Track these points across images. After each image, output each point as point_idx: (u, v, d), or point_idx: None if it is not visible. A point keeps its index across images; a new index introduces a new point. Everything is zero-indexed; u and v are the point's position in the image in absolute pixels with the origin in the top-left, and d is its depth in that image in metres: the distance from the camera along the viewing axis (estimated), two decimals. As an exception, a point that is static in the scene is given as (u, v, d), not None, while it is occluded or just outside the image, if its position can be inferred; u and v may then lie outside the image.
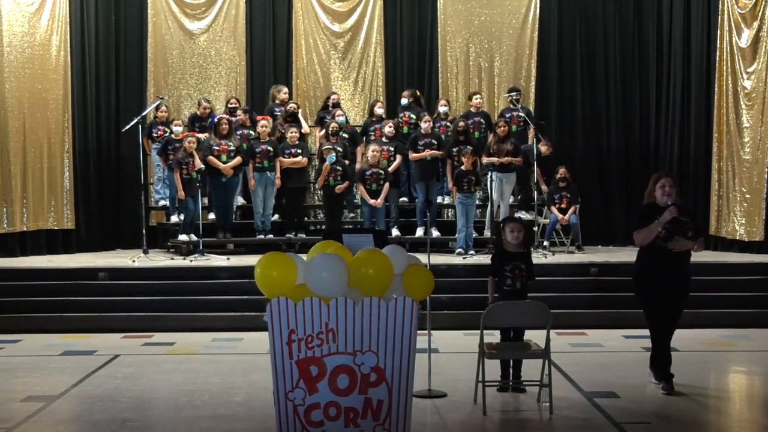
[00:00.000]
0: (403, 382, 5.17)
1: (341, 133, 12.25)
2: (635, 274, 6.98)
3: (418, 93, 13.20)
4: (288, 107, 12.77)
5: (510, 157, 11.76)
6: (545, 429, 6.11)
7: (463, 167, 11.51)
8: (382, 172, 11.67)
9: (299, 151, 12.20)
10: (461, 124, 12.00)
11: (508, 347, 6.82)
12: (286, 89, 13.17)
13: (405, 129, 12.70)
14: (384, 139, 12.18)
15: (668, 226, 6.63)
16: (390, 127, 12.28)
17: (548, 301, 6.70)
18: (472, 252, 11.38)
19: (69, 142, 12.91)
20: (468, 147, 11.73)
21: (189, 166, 11.68)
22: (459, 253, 11.30)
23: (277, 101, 12.97)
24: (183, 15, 13.79)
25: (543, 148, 12.14)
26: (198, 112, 12.97)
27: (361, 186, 11.73)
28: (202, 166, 11.63)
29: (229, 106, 13.00)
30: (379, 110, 12.84)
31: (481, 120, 12.72)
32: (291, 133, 12.24)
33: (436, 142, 11.99)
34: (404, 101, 12.87)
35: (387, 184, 11.67)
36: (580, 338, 9.13)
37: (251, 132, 12.47)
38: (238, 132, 12.39)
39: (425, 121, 12.11)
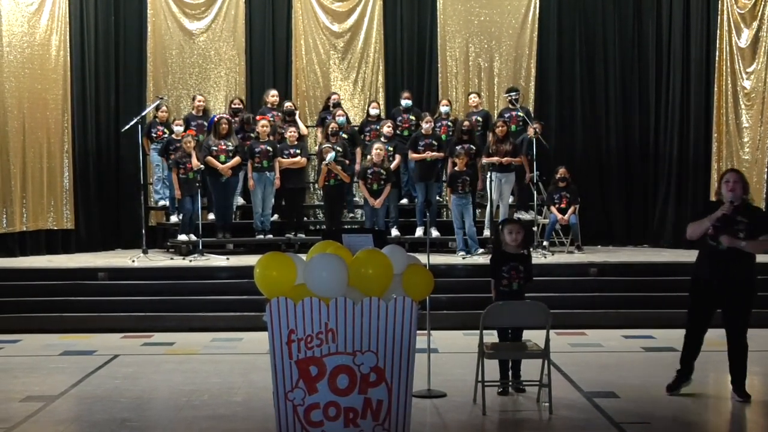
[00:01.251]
0: (403, 382, 5.17)
1: (341, 133, 12.24)
2: (692, 273, 6.79)
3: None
4: (286, 106, 12.75)
5: (509, 158, 11.76)
6: (545, 429, 6.11)
7: (456, 168, 11.50)
8: (384, 172, 11.66)
9: (298, 151, 12.19)
10: (466, 123, 12.00)
11: (507, 347, 6.82)
12: (274, 92, 13.10)
13: (405, 132, 12.66)
14: (383, 139, 12.17)
15: (718, 223, 6.40)
16: (388, 126, 12.27)
17: (548, 301, 6.69)
18: (480, 250, 11.34)
19: (68, 142, 12.91)
20: (470, 146, 11.72)
21: (186, 165, 11.68)
22: (462, 256, 11.27)
23: (268, 105, 12.95)
24: (182, 15, 13.79)
25: (530, 131, 12.09)
26: (193, 111, 12.95)
27: (362, 184, 11.70)
28: (201, 166, 11.61)
29: (233, 107, 12.99)
30: (374, 110, 12.84)
31: (479, 118, 12.70)
32: (290, 133, 12.23)
33: (436, 143, 11.97)
34: (408, 102, 12.84)
35: (389, 186, 11.66)
36: (580, 338, 9.13)
37: (250, 134, 12.45)
38: (239, 136, 12.38)
39: (426, 122, 12.10)
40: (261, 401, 6.59)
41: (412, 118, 12.73)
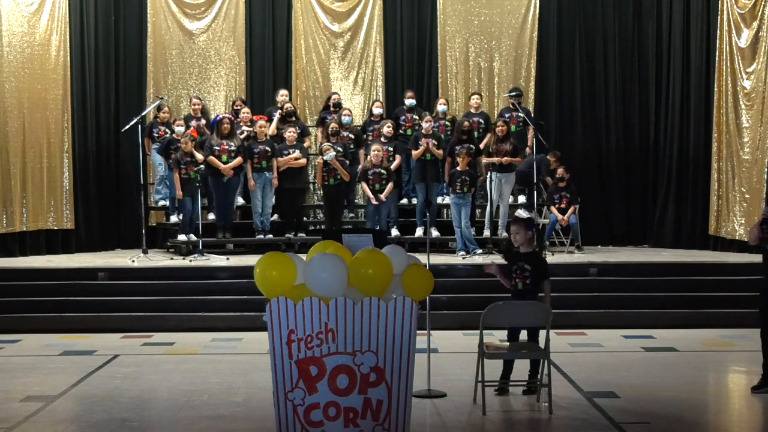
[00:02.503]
0: (403, 382, 5.17)
1: (348, 133, 12.26)
2: (761, 283, 6.88)
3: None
4: (285, 107, 12.74)
5: (510, 158, 11.75)
6: (545, 429, 6.11)
7: (458, 167, 11.51)
8: (385, 171, 11.66)
9: (297, 151, 12.19)
10: (466, 123, 12.00)
11: (507, 347, 6.79)
12: (283, 92, 13.13)
13: (409, 131, 12.66)
14: (383, 139, 12.16)
15: (765, 226, 6.61)
16: (388, 126, 12.26)
17: (548, 301, 6.70)
18: (479, 251, 11.33)
19: (68, 142, 12.91)
20: (469, 146, 11.72)
21: (188, 166, 11.68)
22: (462, 256, 11.26)
23: (278, 104, 12.97)
24: (182, 15, 13.79)
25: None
26: (191, 111, 12.97)
27: (365, 185, 11.71)
28: (202, 166, 11.60)
29: (235, 108, 12.99)
30: (377, 110, 12.84)
31: (480, 120, 12.71)
32: (289, 133, 12.22)
33: (436, 142, 11.97)
34: (412, 101, 12.84)
35: (390, 184, 11.67)
36: (580, 338, 9.13)
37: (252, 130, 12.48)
38: (243, 131, 12.40)
39: (426, 121, 12.10)
40: (261, 401, 6.59)
41: (416, 117, 12.72)
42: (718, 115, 12.47)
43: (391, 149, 12.18)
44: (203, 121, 12.74)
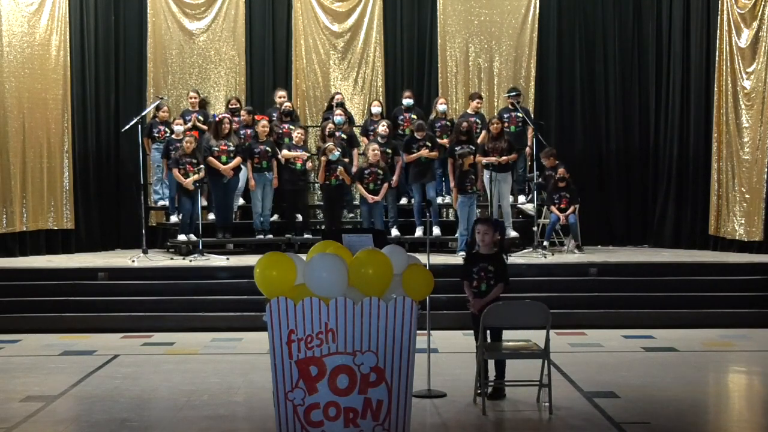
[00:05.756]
0: (403, 382, 5.17)
1: (341, 133, 12.24)
2: None
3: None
4: (285, 107, 12.73)
5: (506, 156, 11.72)
6: (545, 429, 6.11)
7: (463, 168, 11.48)
8: (381, 171, 11.65)
9: (303, 152, 12.20)
10: (464, 124, 11.99)
11: (502, 347, 6.76)
12: (280, 93, 13.12)
13: (407, 131, 12.65)
14: (379, 139, 12.14)
15: None
16: (383, 126, 12.19)
17: (548, 301, 6.70)
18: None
19: (68, 142, 12.91)
20: (470, 147, 11.71)
21: (187, 166, 11.67)
22: (462, 256, 11.24)
23: (276, 105, 12.97)
24: (182, 15, 13.79)
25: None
26: (188, 105, 12.97)
27: (359, 185, 11.70)
28: (201, 165, 11.60)
29: (230, 107, 12.99)
30: (376, 109, 12.81)
31: (477, 120, 12.69)
32: (296, 134, 12.18)
33: (430, 144, 11.94)
34: (409, 101, 12.83)
35: (386, 184, 11.65)
36: (580, 338, 9.13)
37: (253, 130, 12.48)
38: (242, 131, 12.40)
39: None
40: (261, 401, 6.60)
41: (414, 117, 12.71)
42: (718, 115, 12.46)
43: (389, 150, 12.14)
44: (201, 117, 12.76)
